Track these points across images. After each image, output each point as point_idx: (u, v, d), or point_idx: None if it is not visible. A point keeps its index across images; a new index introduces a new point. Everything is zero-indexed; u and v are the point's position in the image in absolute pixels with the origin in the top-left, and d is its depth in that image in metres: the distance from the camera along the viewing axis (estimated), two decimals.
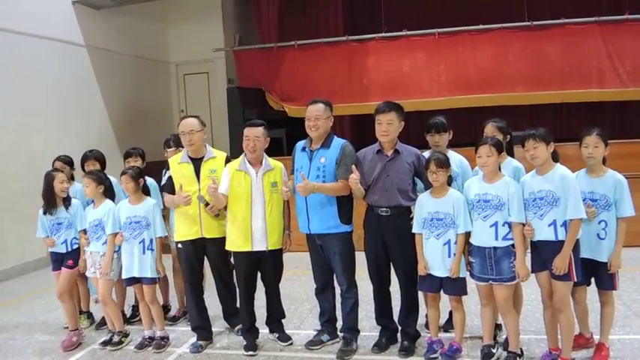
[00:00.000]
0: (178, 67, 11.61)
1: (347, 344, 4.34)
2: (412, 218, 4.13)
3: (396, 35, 9.25)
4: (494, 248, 3.77)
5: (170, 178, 4.57)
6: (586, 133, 3.80)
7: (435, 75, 9.10)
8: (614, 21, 8.58)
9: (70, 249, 4.78)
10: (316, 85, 9.28)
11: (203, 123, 4.61)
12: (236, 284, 4.57)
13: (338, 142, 4.34)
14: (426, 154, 4.30)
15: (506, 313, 3.88)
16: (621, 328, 4.42)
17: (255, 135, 4.33)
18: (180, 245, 4.59)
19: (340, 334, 4.46)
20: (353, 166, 4.13)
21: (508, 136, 4.32)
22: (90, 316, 5.30)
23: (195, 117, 4.62)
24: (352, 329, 4.41)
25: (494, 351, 3.95)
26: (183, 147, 4.63)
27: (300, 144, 4.45)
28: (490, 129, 4.31)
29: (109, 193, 4.76)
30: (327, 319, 4.53)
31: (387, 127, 4.12)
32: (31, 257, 7.53)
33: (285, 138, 9.35)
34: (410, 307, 4.27)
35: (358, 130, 11.09)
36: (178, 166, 4.56)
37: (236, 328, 4.78)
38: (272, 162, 4.44)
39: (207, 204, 4.40)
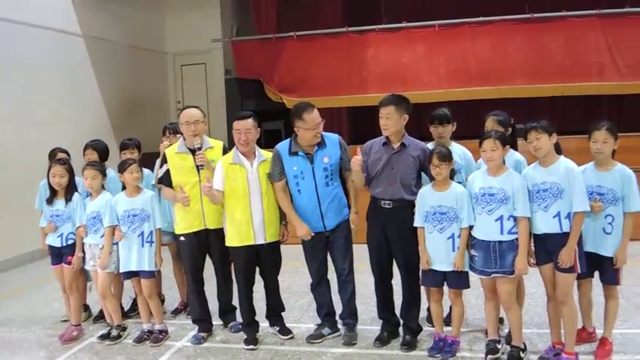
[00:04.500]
0: (175, 57, 11.50)
1: (351, 329, 4.40)
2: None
3: (396, 27, 9.18)
4: (499, 242, 3.74)
5: (168, 171, 4.48)
6: (595, 128, 3.75)
7: (434, 67, 9.03)
8: (614, 14, 8.54)
9: (65, 244, 4.72)
10: (315, 77, 9.23)
11: (204, 113, 4.58)
12: (234, 280, 4.51)
13: (331, 138, 4.35)
14: (430, 145, 4.28)
15: (509, 307, 3.85)
16: (623, 322, 4.40)
17: (245, 127, 4.25)
18: (182, 238, 4.53)
19: (341, 322, 4.49)
20: (358, 149, 4.15)
21: (510, 129, 4.28)
22: (87, 308, 5.24)
23: (196, 107, 4.58)
24: (353, 314, 4.47)
25: (499, 346, 3.92)
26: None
27: (284, 148, 4.31)
28: (491, 123, 4.27)
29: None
30: (326, 313, 4.51)
31: (386, 120, 4.08)
32: (28, 248, 7.43)
33: (283, 129, 9.32)
34: (412, 301, 4.25)
35: (356, 122, 11.06)
36: (176, 157, 4.49)
37: (230, 325, 4.73)
38: (265, 153, 4.39)
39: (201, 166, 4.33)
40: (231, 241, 4.35)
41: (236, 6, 11.29)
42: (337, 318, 4.54)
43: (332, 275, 4.53)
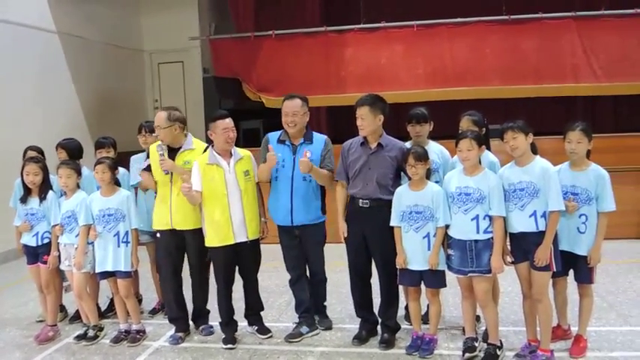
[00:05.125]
0: (152, 55, 11.40)
1: (326, 315, 4.67)
2: None
3: (374, 27, 9.22)
4: (475, 241, 3.77)
5: (149, 166, 4.51)
6: (569, 129, 3.81)
7: (412, 67, 9.08)
8: (589, 16, 8.68)
9: (40, 243, 4.66)
10: (293, 76, 9.22)
11: (178, 119, 4.39)
12: (215, 280, 4.47)
13: (319, 136, 4.45)
14: (408, 144, 4.30)
15: (486, 305, 3.89)
16: (598, 319, 4.48)
17: (232, 126, 4.31)
18: (158, 234, 4.51)
19: (316, 318, 4.58)
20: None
21: (484, 129, 4.32)
22: (63, 309, 5.17)
23: (169, 110, 4.42)
24: (323, 306, 4.69)
25: (476, 344, 3.96)
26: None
27: (274, 135, 4.43)
28: (466, 122, 4.32)
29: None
30: (304, 310, 4.53)
31: (361, 121, 4.12)
32: (1, 249, 7.30)
33: (262, 128, 9.29)
34: (390, 300, 4.27)
35: (335, 122, 11.07)
36: (157, 154, 4.45)
37: (200, 328, 4.67)
38: (240, 151, 4.40)
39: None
40: (211, 241, 4.33)
41: (214, 4, 11.22)
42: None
43: None
